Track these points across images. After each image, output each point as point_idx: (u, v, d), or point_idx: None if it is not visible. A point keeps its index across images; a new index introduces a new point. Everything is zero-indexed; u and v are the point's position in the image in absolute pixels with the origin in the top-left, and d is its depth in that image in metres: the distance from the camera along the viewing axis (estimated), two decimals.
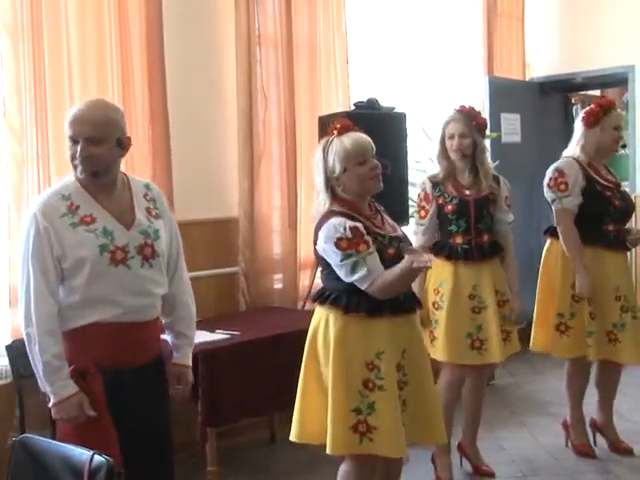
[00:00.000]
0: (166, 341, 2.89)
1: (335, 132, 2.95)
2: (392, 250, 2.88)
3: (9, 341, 3.67)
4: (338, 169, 2.89)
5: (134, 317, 2.61)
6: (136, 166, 4.06)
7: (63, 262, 2.53)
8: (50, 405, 2.53)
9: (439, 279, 3.87)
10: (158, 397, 2.74)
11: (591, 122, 4.10)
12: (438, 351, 3.86)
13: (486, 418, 4.61)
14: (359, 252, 2.80)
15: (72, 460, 2.08)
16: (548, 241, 4.29)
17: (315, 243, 2.96)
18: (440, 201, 3.87)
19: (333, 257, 2.86)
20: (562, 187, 4.09)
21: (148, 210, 2.70)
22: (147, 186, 2.77)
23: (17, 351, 3.55)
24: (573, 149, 4.18)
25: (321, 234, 2.88)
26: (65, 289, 2.56)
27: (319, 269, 3.12)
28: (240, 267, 4.80)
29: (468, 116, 3.89)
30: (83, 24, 4.00)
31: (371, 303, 2.87)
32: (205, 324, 4.27)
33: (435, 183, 3.90)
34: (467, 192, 3.88)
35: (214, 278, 4.70)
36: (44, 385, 2.53)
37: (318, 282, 3.31)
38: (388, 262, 2.84)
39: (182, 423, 4.01)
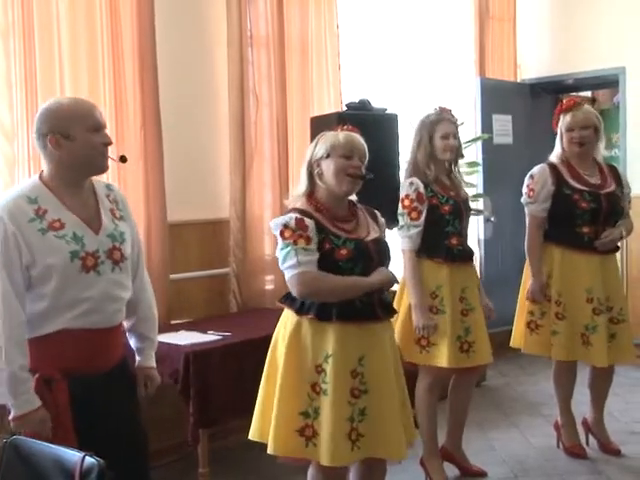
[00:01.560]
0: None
1: (339, 130, 3.00)
2: (345, 251, 2.85)
3: None
4: (321, 152, 2.93)
5: (102, 323, 2.55)
6: (128, 167, 4.04)
7: (32, 269, 2.44)
8: (10, 418, 2.44)
9: (435, 282, 3.80)
10: (127, 399, 2.69)
11: (554, 126, 4.21)
12: (436, 357, 3.79)
13: (477, 419, 4.63)
14: (296, 244, 2.81)
15: (63, 461, 2.07)
16: None
17: None
18: (434, 201, 3.79)
19: (277, 246, 2.91)
20: (530, 193, 4.18)
21: (112, 212, 2.64)
22: (109, 187, 2.71)
23: None
24: (553, 153, 4.26)
25: (273, 224, 2.92)
26: (33, 296, 2.47)
27: None
28: (231, 268, 4.80)
29: (453, 117, 3.91)
30: (74, 23, 3.99)
31: (321, 306, 2.85)
32: (196, 325, 4.28)
33: (425, 183, 3.81)
34: (452, 193, 3.86)
35: (205, 279, 4.70)
36: (5, 397, 2.42)
37: None
38: (340, 263, 2.84)
39: (173, 425, 4.02)
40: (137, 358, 2.82)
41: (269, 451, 2.89)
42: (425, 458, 4.02)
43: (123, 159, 2.67)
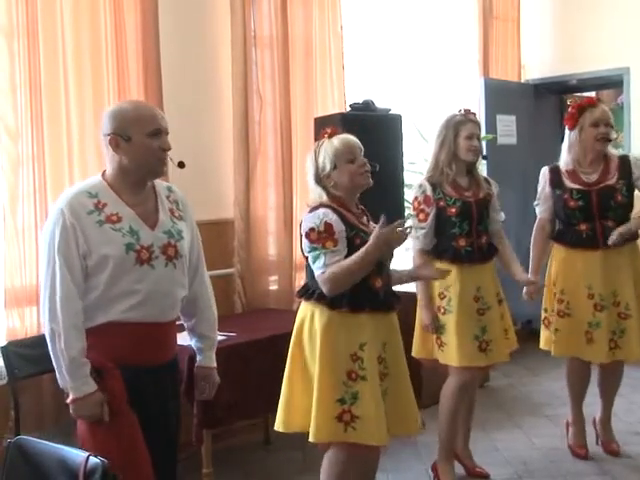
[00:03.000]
0: (182, 345, 2.91)
1: (325, 136, 3.11)
2: None
3: (4, 342, 3.66)
4: (329, 167, 3.04)
5: (153, 317, 2.60)
6: None
7: (88, 259, 2.52)
8: (69, 401, 2.51)
9: (444, 283, 3.80)
10: (171, 401, 2.74)
11: (571, 125, 4.14)
12: (449, 356, 3.84)
13: (481, 419, 4.62)
14: (325, 247, 2.94)
15: (67, 461, 2.07)
16: None
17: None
18: (441, 204, 3.82)
19: (304, 247, 3.04)
20: (537, 195, 4.26)
21: (171, 211, 2.72)
22: (169, 188, 2.80)
23: (12, 353, 3.54)
24: (563, 153, 4.23)
25: (303, 223, 3.04)
26: (88, 286, 2.55)
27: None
28: (236, 269, 4.80)
29: (476, 119, 3.96)
30: (78, 24, 3.99)
31: (353, 300, 3.00)
32: None
33: (434, 185, 3.85)
34: (466, 194, 3.87)
35: (210, 280, 4.69)
36: (65, 380, 2.51)
37: None
38: None
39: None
40: (197, 358, 2.89)
41: (310, 439, 3.02)
42: (438, 460, 4.01)
43: (181, 165, 2.73)
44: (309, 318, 3.08)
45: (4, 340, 3.70)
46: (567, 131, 4.21)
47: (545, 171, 4.23)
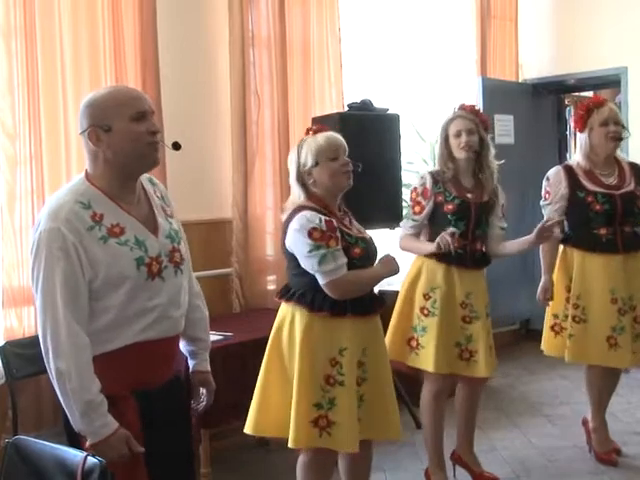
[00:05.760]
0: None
1: (310, 133, 3.08)
2: (358, 249, 2.99)
3: (2, 342, 3.65)
4: (310, 162, 2.99)
5: (168, 332, 2.34)
6: None
7: (94, 282, 2.19)
8: (89, 445, 2.17)
9: (430, 284, 3.71)
10: (182, 414, 2.53)
11: (580, 127, 4.10)
12: (424, 360, 3.70)
13: (479, 419, 4.59)
14: (329, 246, 2.90)
15: (65, 461, 2.07)
16: None
17: (284, 237, 3.03)
18: (439, 198, 3.68)
19: (301, 248, 2.94)
20: (546, 196, 4.14)
21: (163, 209, 2.41)
22: (151, 181, 2.46)
23: (10, 352, 3.54)
24: (576, 155, 4.20)
25: (292, 225, 2.96)
26: (95, 310, 2.21)
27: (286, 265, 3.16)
28: (234, 268, 4.81)
29: (472, 112, 3.78)
30: (76, 24, 4.00)
31: (334, 303, 2.96)
32: None
33: (436, 179, 3.72)
34: (469, 195, 3.72)
35: (208, 279, 4.67)
36: (79, 424, 2.17)
37: None
38: (354, 261, 2.96)
39: None
40: (191, 362, 2.60)
41: (290, 445, 2.98)
42: (430, 470, 3.93)
43: (177, 146, 2.46)
44: (289, 320, 3.05)
45: (2, 340, 3.70)
46: (578, 134, 4.17)
47: (559, 171, 4.11)
